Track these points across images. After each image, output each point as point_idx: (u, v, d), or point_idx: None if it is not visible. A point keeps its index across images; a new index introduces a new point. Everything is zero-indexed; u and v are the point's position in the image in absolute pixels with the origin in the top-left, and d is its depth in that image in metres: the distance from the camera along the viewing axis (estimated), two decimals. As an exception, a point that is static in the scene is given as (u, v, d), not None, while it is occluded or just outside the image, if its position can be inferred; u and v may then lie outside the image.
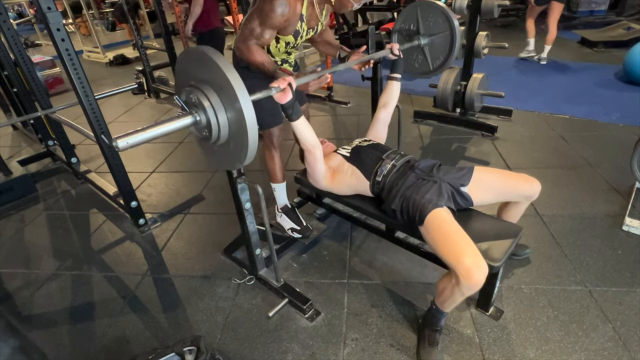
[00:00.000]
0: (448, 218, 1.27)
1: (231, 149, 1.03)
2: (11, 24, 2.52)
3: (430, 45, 1.94)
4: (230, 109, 0.95)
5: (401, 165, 1.50)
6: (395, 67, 1.80)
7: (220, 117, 0.97)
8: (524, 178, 1.46)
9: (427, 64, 1.99)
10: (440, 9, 1.83)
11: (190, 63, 1.02)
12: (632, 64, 3.59)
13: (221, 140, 1.01)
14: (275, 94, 1.24)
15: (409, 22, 1.95)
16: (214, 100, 0.96)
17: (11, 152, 3.44)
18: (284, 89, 1.24)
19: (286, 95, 1.25)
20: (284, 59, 1.74)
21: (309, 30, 1.62)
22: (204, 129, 0.99)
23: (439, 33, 1.88)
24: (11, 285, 1.91)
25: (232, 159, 1.06)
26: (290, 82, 1.25)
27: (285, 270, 1.84)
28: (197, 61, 0.98)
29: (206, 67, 0.95)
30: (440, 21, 1.85)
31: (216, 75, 0.92)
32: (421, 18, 1.89)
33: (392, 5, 5.98)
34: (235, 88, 0.90)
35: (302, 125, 1.41)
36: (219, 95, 0.95)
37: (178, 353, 1.26)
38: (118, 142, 0.90)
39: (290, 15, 1.43)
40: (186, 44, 4.02)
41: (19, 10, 11.54)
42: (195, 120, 0.99)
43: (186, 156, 3.12)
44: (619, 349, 1.36)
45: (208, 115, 0.96)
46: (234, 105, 0.92)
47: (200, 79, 0.98)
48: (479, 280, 1.12)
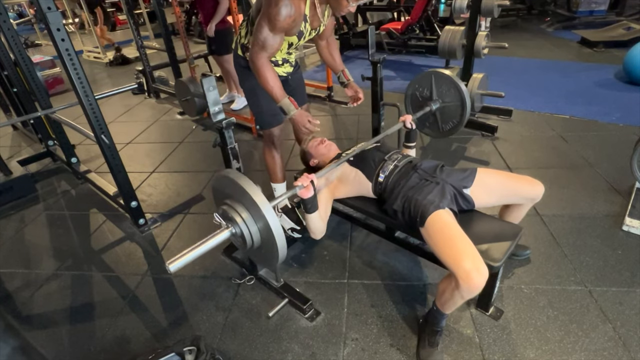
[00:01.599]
0: (449, 220, 1.27)
1: (263, 252, 1.21)
2: (11, 24, 2.52)
3: (441, 110, 2.00)
4: (259, 221, 1.12)
5: (403, 165, 1.50)
6: (409, 138, 1.81)
7: (252, 228, 1.14)
8: (527, 180, 1.45)
9: (438, 126, 2.05)
10: (452, 80, 1.90)
11: (223, 185, 1.21)
12: (632, 64, 3.59)
13: (255, 246, 1.18)
14: (299, 191, 1.31)
15: (422, 87, 2.03)
16: (245, 216, 1.13)
17: (11, 152, 3.44)
18: (307, 186, 1.31)
19: (308, 192, 1.32)
20: (285, 58, 1.75)
21: (312, 30, 1.62)
22: (240, 238, 1.17)
23: (450, 102, 1.93)
24: (11, 285, 1.91)
25: (266, 262, 1.26)
26: (312, 180, 1.31)
27: (285, 270, 1.84)
28: (228, 184, 1.17)
29: (235, 189, 1.14)
30: (452, 91, 1.92)
31: (243, 195, 1.11)
32: (435, 85, 1.96)
33: (392, 5, 5.98)
34: (261, 206, 1.07)
35: (316, 218, 1.44)
36: (249, 211, 1.13)
37: (178, 353, 1.26)
38: (170, 267, 1.02)
39: (296, 15, 1.44)
40: (186, 44, 4.02)
41: (19, 10, 11.55)
42: (232, 232, 1.15)
43: (186, 156, 3.12)
44: (619, 349, 1.36)
45: (241, 228, 1.14)
46: (261, 218, 1.09)
47: (233, 197, 1.17)
48: (479, 284, 1.11)
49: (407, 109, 2.16)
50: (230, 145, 1.41)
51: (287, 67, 1.79)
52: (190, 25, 7.86)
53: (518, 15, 7.13)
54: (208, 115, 1.35)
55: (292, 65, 1.82)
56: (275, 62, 1.71)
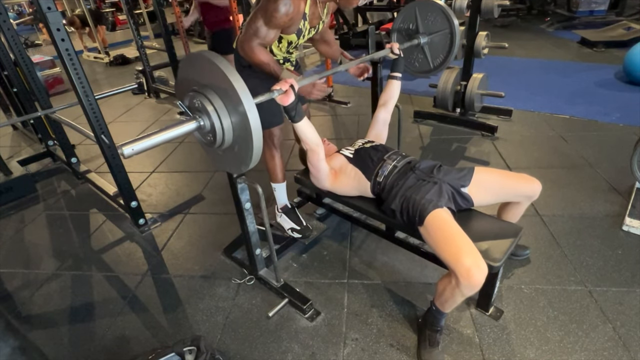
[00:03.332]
0: (448, 218, 1.27)
1: (236, 152, 1.03)
2: (11, 24, 2.52)
3: (430, 44, 1.93)
4: (234, 112, 0.94)
5: (402, 166, 1.50)
6: (395, 66, 1.80)
7: (225, 121, 0.96)
8: (524, 178, 1.46)
9: (428, 62, 1.99)
10: (439, 7, 1.82)
11: (192, 68, 1.01)
12: (632, 64, 3.59)
13: (226, 144, 1.01)
14: (278, 96, 1.24)
15: (408, 21, 1.95)
16: (217, 105, 0.95)
17: (11, 152, 3.44)
18: (286, 91, 1.24)
19: (288, 97, 1.26)
20: (285, 57, 1.75)
21: (311, 29, 1.62)
22: (208, 134, 0.99)
23: (438, 31, 1.87)
24: (11, 285, 1.91)
25: (237, 163, 1.06)
26: (292, 84, 1.25)
27: (285, 270, 1.84)
28: (200, 66, 0.97)
29: (209, 71, 0.94)
30: (440, 20, 1.84)
31: (219, 79, 0.92)
32: (420, 17, 1.88)
33: (392, 5, 5.98)
34: (239, 92, 0.89)
35: (305, 125, 1.41)
36: (223, 99, 0.94)
37: (178, 353, 1.26)
38: (124, 149, 0.89)
39: (294, 14, 1.43)
40: (186, 44, 4.02)
41: (19, 10, 11.55)
42: (199, 125, 0.98)
43: (186, 156, 3.12)
44: (619, 349, 1.36)
45: (212, 120, 0.96)
46: (237, 109, 0.91)
47: (203, 83, 0.97)
48: (479, 281, 1.12)
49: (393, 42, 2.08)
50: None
51: (288, 66, 1.79)
52: (190, 25, 7.85)
53: (518, 15, 7.12)
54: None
55: (292, 65, 1.82)
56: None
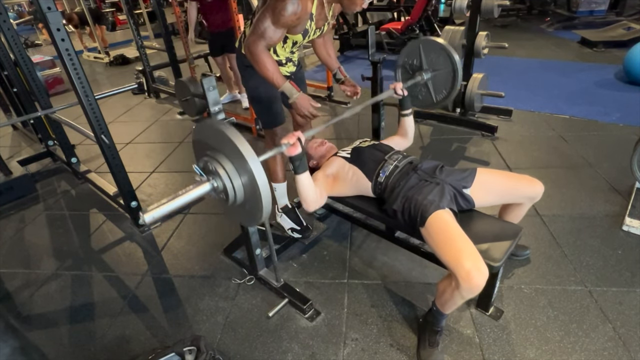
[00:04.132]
0: (449, 220, 1.27)
1: (247, 209, 1.13)
2: (11, 24, 2.52)
3: (433, 80, 1.97)
4: (243, 174, 1.04)
5: (404, 165, 1.50)
6: (403, 105, 1.80)
7: (235, 182, 1.05)
8: (526, 179, 1.45)
9: (431, 97, 2.02)
10: (441, 46, 1.85)
11: (205, 135, 1.12)
12: (632, 64, 3.59)
13: (238, 202, 1.10)
14: (285, 149, 1.27)
15: (411, 57, 1.98)
16: (228, 168, 1.05)
17: (11, 152, 3.44)
18: (294, 144, 1.27)
19: (295, 149, 1.28)
20: (288, 57, 1.74)
21: (317, 30, 1.61)
22: (222, 193, 1.09)
23: (441, 69, 1.90)
24: (11, 285, 1.91)
25: (249, 218, 1.16)
26: (299, 137, 1.28)
27: (285, 270, 1.84)
28: (211, 133, 1.08)
29: (219, 138, 1.04)
30: (442, 58, 1.87)
31: (228, 145, 1.01)
32: (424, 54, 1.91)
33: (392, 5, 5.98)
34: (246, 156, 0.98)
35: (306, 180, 1.39)
36: (233, 162, 1.04)
37: (178, 353, 1.26)
38: (145, 217, 0.96)
39: (302, 14, 1.42)
40: (186, 44, 4.02)
41: (19, 10, 11.55)
42: (213, 186, 1.07)
43: (186, 156, 3.12)
44: (619, 349, 1.36)
45: (224, 181, 1.05)
46: (246, 170, 1.01)
47: (215, 148, 1.08)
48: (479, 284, 1.11)
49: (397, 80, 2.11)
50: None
51: (291, 66, 1.79)
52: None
53: (518, 15, 7.12)
54: (208, 115, 1.34)
55: (295, 65, 1.82)
56: (279, 61, 1.71)
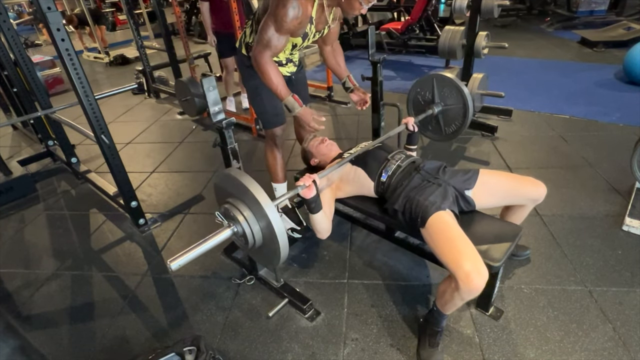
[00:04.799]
0: (450, 221, 1.27)
1: (264, 253, 1.20)
2: (11, 24, 2.52)
3: (444, 113, 1.99)
4: (261, 220, 1.10)
5: (406, 165, 1.50)
6: (411, 140, 1.80)
7: (254, 228, 1.12)
8: (529, 181, 1.45)
9: (441, 130, 2.04)
10: (454, 83, 1.88)
11: (225, 183, 1.20)
12: (632, 64, 3.59)
13: (257, 245, 1.16)
14: (301, 191, 1.29)
15: (424, 90, 2.01)
16: (247, 214, 1.12)
17: (11, 152, 3.44)
18: (309, 186, 1.29)
19: (310, 191, 1.31)
20: (288, 58, 1.75)
21: (317, 32, 1.61)
22: (242, 238, 1.15)
23: (452, 105, 1.92)
24: (11, 285, 1.91)
25: (268, 260, 1.23)
26: (314, 180, 1.30)
27: (285, 270, 1.84)
28: (231, 182, 1.15)
29: (237, 187, 1.11)
30: (454, 94, 1.90)
31: (246, 194, 1.08)
32: (436, 88, 1.95)
33: (392, 5, 5.98)
34: (263, 205, 1.05)
35: (321, 218, 1.42)
36: (251, 209, 1.11)
37: (178, 353, 1.26)
38: (172, 265, 1.02)
39: (303, 17, 1.43)
40: (186, 44, 4.02)
41: (19, 10, 11.55)
42: (234, 231, 1.14)
43: (186, 156, 3.12)
44: (619, 349, 1.36)
45: (243, 227, 1.13)
46: (263, 217, 1.08)
47: (235, 196, 1.15)
48: (479, 286, 1.11)
49: (409, 112, 2.16)
50: (230, 145, 1.41)
51: (291, 66, 1.79)
52: (190, 25, 7.86)
53: (518, 15, 7.12)
54: (208, 115, 1.34)
55: (295, 65, 1.82)
56: (279, 62, 1.71)
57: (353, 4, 1.43)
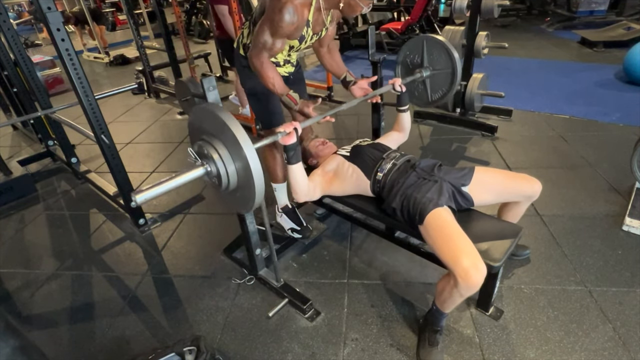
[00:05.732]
0: (448, 218, 1.27)
1: (238, 196, 1.12)
2: (11, 24, 2.52)
3: (431, 78, 1.96)
4: (237, 160, 1.03)
5: (402, 164, 1.50)
6: (400, 101, 1.80)
7: (229, 168, 1.05)
8: (524, 178, 1.46)
9: (427, 95, 2.02)
10: (444, 46, 1.85)
11: (201, 119, 1.11)
12: (632, 64, 3.59)
13: (231, 188, 1.09)
14: (281, 138, 1.28)
15: (413, 53, 1.98)
16: (222, 153, 1.04)
17: (11, 152, 3.44)
18: (290, 133, 1.29)
19: (290, 138, 1.30)
20: (286, 59, 1.75)
21: (314, 35, 1.62)
22: (215, 178, 1.09)
23: (441, 69, 1.90)
24: (11, 285, 1.91)
25: (241, 205, 1.16)
26: (296, 127, 1.29)
27: (285, 270, 1.84)
28: (207, 117, 1.06)
29: (214, 123, 1.03)
30: (443, 57, 1.87)
31: (224, 131, 1.00)
32: (426, 51, 1.91)
33: (392, 5, 5.98)
34: (241, 142, 0.97)
35: (299, 170, 1.41)
36: (227, 148, 1.03)
37: (178, 353, 1.26)
38: (136, 197, 0.96)
39: (299, 22, 1.43)
40: (186, 44, 4.01)
41: (19, 10, 11.55)
42: (207, 170, 1.08)
43: (186, 156, 3.10)
44: (619, 349, 1.36)
45: (218, 166, 1.05)
46: (240, 156, 1.00)
47: (210, 133, 1.07)
48: (477, 282, 1.12)
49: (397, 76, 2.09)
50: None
51: (289, 67, 1.79)
52: (190, 25, 7.86)
53: (518, 15, 7.12)
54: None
55: (293, 65, 1.82)
56: (276, 63, 1.71)
57: (353, 7, 1.43)
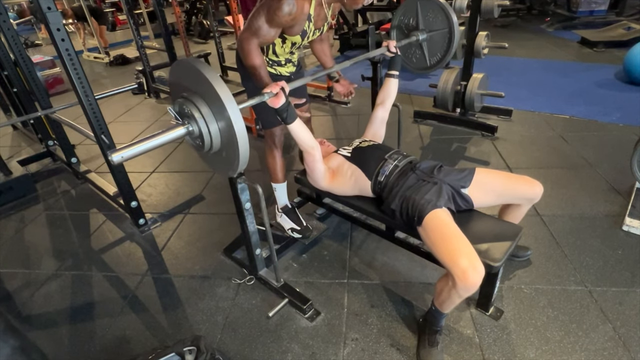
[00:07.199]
0: (446, 219, 1.27)
1: (224, 156, 1.06)
2: (11, 24, 2.52)
3: (428, 41, 1.91)
4: (220, 119, 0.97)
5: (403, 165, 1.50)
6: (393, 65, 1.80)
7: (212, 127, 0.99)
8: (525, 180, 1.45)
9: (425, 59, 1.97)
10: (440, 5, 1.81)
11: (181, 75, 1.04)
12: (632, 64, 3.59)
13: (214, 149, 1.04)
14: (269, 99, 1.25)
15: (408, 16, 1.93)
16: (204, 111, 0.98)
17: (11, 152, 3.44)
18: (277, 94, 1.25)
19: (279, 100, 1.26)
20: (287, 58, 1.74)
21: (316, 30, 1.61)
22: (197, 139, 1.02)
23: (437, 30, 1.86)
24: (11, 285, 1.91)
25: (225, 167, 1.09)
26: (282, 87, 1.26)
27: (285, 270, 1.84)
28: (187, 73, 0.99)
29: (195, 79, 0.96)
30: (440, 18, 1.83)
31: (205, 87, 0.94)
32: (421, 13, 1.86)
33: (392, 5, 5.98)
34: (224, 99, 0.91)
35: (298, 127, 1.40)
36: (209, 106, 0.97)
37: (178, 353, 1.26)
38: (113, 156, 0.92)
39: (297, 14, 1.42)
40: (186, 44, 4.02)
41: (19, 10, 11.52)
42: (188, 130, 1.01)
43: (186, 156, 3.12)
44: (619, 349, 1.36)
45: (200, 126, 0.99)
46: (223, 115, 0.94)
47: (192, 90, 1.00)
48: (475, 282, 1.11)
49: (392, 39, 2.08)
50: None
51: (290, 66, 1.79)
52: (190, 25, 7.86)
53: (518, 15, 7.12)
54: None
55: (294, 65, 1.82)
56: (278, 62, 1.71)
57: None
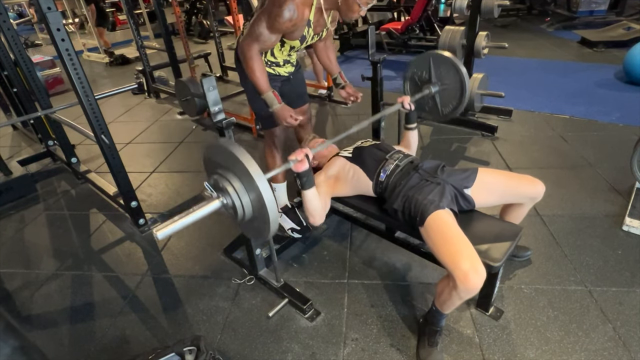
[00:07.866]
0: (449, 220, 1.27)
1: (255, 225, 1.16)
2: (11, 24, 2.52)
3: (440, 93, 1.96)
4: (251, 192, 1.07)
5: (405, 165, 1.50)
6: (409, 119, 1.79)
7: (244, 200, 1.09)
8: (528, 179, 1.45)
9: (438, 110, 2.02)
10: (451, 61, 1.85)
11: (214, 154, 1.16)
12: (632, 64, 3.59)
13: (247, 218, 1.13)
14: (293, 165, 1.28)
15: (420, 69, 1.98)
16: (237, 186, 1.08)
17: (11, 152, 3.44)
18: (301, 160, 1.28)
19: (303, 165, 1.29)
20: (286, 59, 1.75)
21: (315, 35, 1.62)
22: (231, 209, 1.12)
23: (449, 84, 1.90)
24: (11, 285, 1.91)
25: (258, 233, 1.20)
26: (307, 154, 1.29)
27: (285, 270, 1.84)
28: (221, 152, 1.11)
29: (228, 157, 1.08)
30: (452, 73, 1.87)
31: (237, 165, 1.05)
32: (433, 67, 1.91)
33: (392, 5, 5.98)
34: (254, 175, 1.02)
35: (312, 195, 1.39)
36: (241, 181, 1.08)
37: (178, 353, 1.26)
38: (158, 234, 1.00)
39: (298, 20, 1.43)
40: (186, 44, 4.01)
41: (19, 10, 11.53)
42: (223, 203, 1.11)
43: (186, 156, 3.12)
44: (619, 349, 1.36)
45: (233, 199, 1.09)
46: (254, 189, 1.05)
47: (225, 167, 1.11)
48: (476, 285, 1.11)
49: (406, 93, 2.12)
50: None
51: (289, 67, 1.79)
52: (190, 25, 7.86)
53: (518, 15, 7.12)
54: (208, 115, 1.34)
55: (293, 65, 1.82)
56: (276, 62, 1.71)
57: (352, 7, 1.43)
